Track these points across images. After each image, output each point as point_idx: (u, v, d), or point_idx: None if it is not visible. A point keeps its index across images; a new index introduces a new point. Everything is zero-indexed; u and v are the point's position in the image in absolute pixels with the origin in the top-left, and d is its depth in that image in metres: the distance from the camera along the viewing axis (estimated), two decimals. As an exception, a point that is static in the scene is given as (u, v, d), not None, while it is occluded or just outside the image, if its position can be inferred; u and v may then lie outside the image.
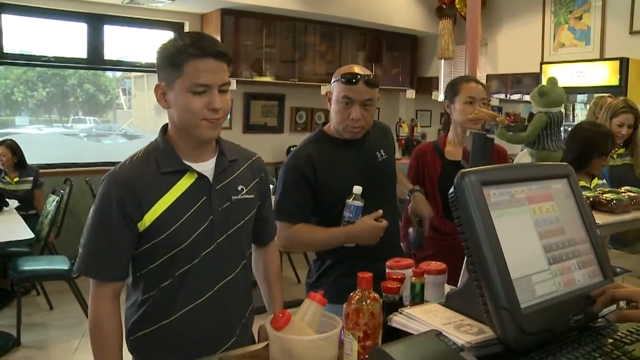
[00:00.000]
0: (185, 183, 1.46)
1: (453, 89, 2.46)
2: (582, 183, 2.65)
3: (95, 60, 5.56)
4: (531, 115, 2.05)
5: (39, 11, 5.16)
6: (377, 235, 1.94)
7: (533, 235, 1.21)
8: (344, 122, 1.98)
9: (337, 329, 1.19)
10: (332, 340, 1.18)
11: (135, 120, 10.04)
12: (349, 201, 1.93)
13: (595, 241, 1.32)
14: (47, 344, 3.81)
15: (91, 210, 1.47)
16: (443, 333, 1.11)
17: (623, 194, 2.28)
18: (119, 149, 8.79)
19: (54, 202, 4.46)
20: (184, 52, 1.38)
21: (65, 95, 9.18)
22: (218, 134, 1.48)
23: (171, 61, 1.40)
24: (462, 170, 1.16)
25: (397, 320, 1.22)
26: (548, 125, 1.99)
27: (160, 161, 1.46)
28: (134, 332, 1.51)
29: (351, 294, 1.19)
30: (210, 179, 1.49)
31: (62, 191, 4.53)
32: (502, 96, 6.49)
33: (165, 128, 1.52)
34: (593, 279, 1.26)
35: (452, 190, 1.16)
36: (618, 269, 2.00)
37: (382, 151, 2.11)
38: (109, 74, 9.22)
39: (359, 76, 1.92)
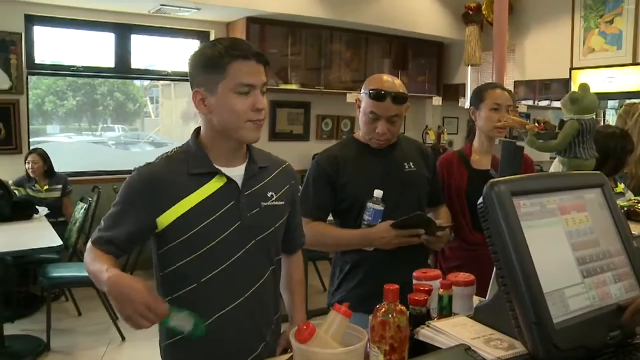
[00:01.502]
0: (213, 186, 1.47)
1: (478, 96, 2.43)
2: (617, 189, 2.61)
3: (122, 69, 5.65)
4: (562, 122, 2.00)
5: (68, 22, 5.26)
6: (391, 242, 1.92)
7: (566, 248, 1.18)
8: (370, 134, 2.03)
9: (363, 343, 1.17)
10: (357, 353, 1.15)
11: (163, 128, 10.15)
12: (369, 204, 1.95)
13: (631, 253, 1.28)
14: (75, 350, 3.85)
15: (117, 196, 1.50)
16: (472, 348, 1.08)
17: (659, 203, 2.21)
18: (147, 157, 8.80)
19: (83, 210, 4.52)
20: (227, 54, 1.40)
21: (94, 104, 9.35)
22: (259, 136, 1.49)
23: (213, 65, 1.41)
24: (492, 180, 1.14)
25: (425, 333, 1.20)
26: (580, 133, 1.93)
27: (190, 163, 1.48)
28: (167, 339, 1.52)
29: (377, 307, 1.17)
30: (240, 184, 1.49)
31: (90, 199, 4.59)
32: (530, 103, 6.40)
33: (197, 133, 1.54)
34: (630, 293, 1.22)
35: (481, 200, 1.13)
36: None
37: (411, 163, 2.10)
38: (137, 82, 9.36)
39: (384, 92, 1.95)
